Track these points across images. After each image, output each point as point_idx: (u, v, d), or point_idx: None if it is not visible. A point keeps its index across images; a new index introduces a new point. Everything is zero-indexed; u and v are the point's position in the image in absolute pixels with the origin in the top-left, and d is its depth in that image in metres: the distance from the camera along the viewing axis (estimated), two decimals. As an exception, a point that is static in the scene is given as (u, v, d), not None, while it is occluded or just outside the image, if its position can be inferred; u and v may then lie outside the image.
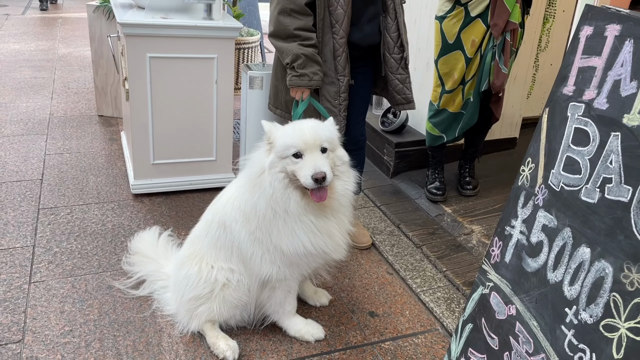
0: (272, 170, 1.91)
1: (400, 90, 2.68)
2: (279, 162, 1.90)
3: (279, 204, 1.91)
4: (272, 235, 1.96)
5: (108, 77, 4.43)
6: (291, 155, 1.88)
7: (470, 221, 3.13)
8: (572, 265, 1.19)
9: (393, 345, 2.29)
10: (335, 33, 2.42)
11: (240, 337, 2.26)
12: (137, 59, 2.98)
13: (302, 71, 2.40)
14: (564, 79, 1.31)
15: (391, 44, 2.58)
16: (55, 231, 2.89)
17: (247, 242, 2.04)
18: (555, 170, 1.29)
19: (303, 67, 2.39)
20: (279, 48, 2.44)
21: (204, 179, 3.39)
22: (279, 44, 2.43)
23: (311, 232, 1.94)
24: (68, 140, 4.03)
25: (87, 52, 6.41)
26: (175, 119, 3.18)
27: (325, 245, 1.99)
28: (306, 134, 1.88)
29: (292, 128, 1.93)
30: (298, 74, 2.41)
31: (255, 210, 1.97)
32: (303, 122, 1.98)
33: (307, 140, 1.87)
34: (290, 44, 2.38)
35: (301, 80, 2.41)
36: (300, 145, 1.87)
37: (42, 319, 2.28)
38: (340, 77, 2.49)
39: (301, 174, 1.85)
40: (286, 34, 2.38)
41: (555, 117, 1.32)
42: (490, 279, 1.49)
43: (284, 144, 1.89)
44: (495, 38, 3.05)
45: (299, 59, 2.38)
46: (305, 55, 2.38)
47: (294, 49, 2.37)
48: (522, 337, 1.33)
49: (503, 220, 1.48)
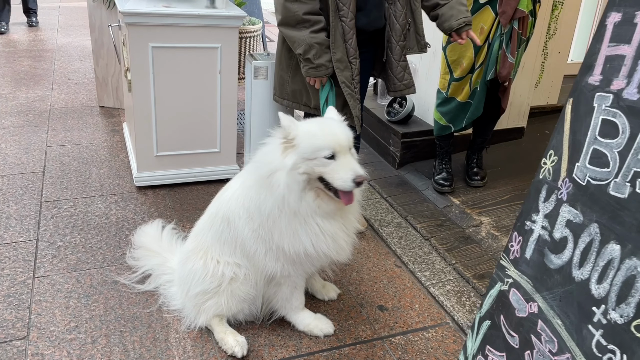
0: (293, 172, 1.81)
1: (402, 77, 2.62)
2: (304, 164, 1.80)
3: (289, 205, 1.84)
4: (274, 235, 1.91)
5: (109, 67, 4.36)
6: (322, 157, 1.80)
7: (478, 213, 3.09)
8: (600, 262, 1.14)
9: (403, 340, 2.26)
10: (343, 16, 2.36)
11: (249, 332, 2.23)
12: (139, 49, 2.92)
13: (318, 62, 2.36)
14: (589, 67, 1.26)
15: (399, 31, 2.52)
16: (59, 225, 2.84)
17: (250, 238, 2.00)
18: (581, 163, 1.24)
19: (318, 57, 2.35)
20: (290, 37, 2.38)
21: (208, 170, 3.35)
22: (289, 32, 2.37)
23: (314, 235, 1.88)
24: (69, 132, 3.97)
25: (86, 42, 6.34)
26: (178, 110, 3.13)
27: (328, 249, 1.93)
28: (340, 136, 1.82)
29: (321, 129, 1.84)
30: (315, 65, 2.36)
31: (259, 209, 1.92)
32: (329, 122, 1.90)
33: (341, 142, 1.81)
34: (302, 31, 2.33)
35: (318, 71, 2.38)
36: (336, 147, 1.79)
37: (47, 314, 2.24)
38: (352, 60, 2.44)
39: (337, 177, 1.78)
40: (295, 20, 2.32)
41: (580, 107, 1.27)
42: (510, 275, 1.45)
43: (315, 145, 1.79)
44: (503, 26, 2.99)
45: (312, 48, 2.33)
46: (318, 43, 2.33)
47: (306, 39, 2.32)
48: (544, 336, 1.29)
49: (523, 215, 1.43)
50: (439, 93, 3.28)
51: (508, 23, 2.97)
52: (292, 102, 2.68)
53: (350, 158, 1.83)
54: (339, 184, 1.79)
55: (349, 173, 1.78)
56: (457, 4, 2.54)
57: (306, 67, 2.39)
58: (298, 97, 2.65)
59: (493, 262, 2.71)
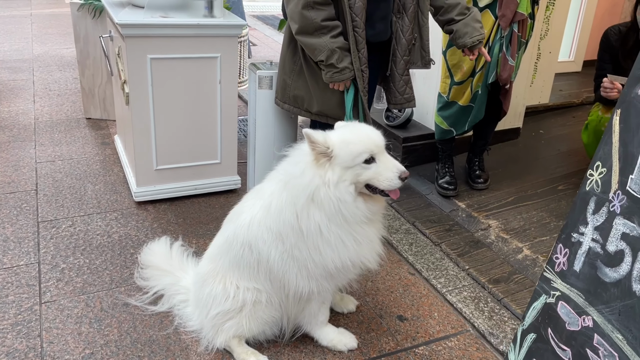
0: (340, 184, 1.79)
1: (403, 92, 2.61)
2: (347, 173, 1.78)
3: (345, 217, 1.81)
4: (314, 252, 1.86)
5: (95, 78, 4.24)
6: (362, 162, 1.79)
7: (485, 216, 3.09)
8: (666, 277, 1.13)
9: (427, 350, 2.24)
10: (356, 27, 2.33)
11: (271, 350, 2.18)
12: (137, 61, 2.83)
13: (342, 65, 2.33)
14: (638, 79, 1.25)
15: (404, 45, 2.50)
16: (59, 245, 2.74)
17: (279, 261, 1.94)
18: (635, 175, 1.23)
19: (341, 60, 2.33)
20: (309, 45, 2.33)
21: (209, 182, 3.27)
22: (308, 40, 2.32)
23: (356, 242, 1.86)
24: (58, 146, 3.85)
25: (64, 51, 6.17)
26: (178, 122, 3.05)
27: (370, 254, 1.92)
28: (374, 137, 1.82)
29: (355, 134, 1.82)
30: (339, 69, 2.33)
31: (298, 230, 1.85)
32: (360, 126, 1.88)
33: (378, 143, 1.82)
34: (321, 38, 2.29)
35: (343, 74, 2.35)
36: (374, 149, 1.80)
37: (60, 342, 2.15)
38: (364, 69, 2.41)
39: (383, 177, 1.80)
40: (314, 28, 2.29)
41: (630, 119, 1.26)
42: (556, 287, 1.44)
43: (354, 152, 1.77)
44: (503, 29, 3.00)
45: (334, 53, 2.30)
46: (339, 48, 2.31)
47: (327, 44, 2.29)
48: (603, 350, 1.28)
49: (568, 227, 1.42)
50: (439, 97, 3.28)
51: (508, 26, 2.98)
52: (293, 107, 2.64)
53: (388, 157, 1.85)
54: (386, 185, 1.80)
55: (394, 171, 1.80)
56: (472, 20, 2.53)
57: (330, 72, 2.35)
58: (299, 102, 2.60)
59: (506, 266, 2.71)
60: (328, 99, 2.50)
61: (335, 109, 2.52)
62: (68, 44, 6.47)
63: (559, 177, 3.59)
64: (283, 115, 2.84)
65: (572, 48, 5.54)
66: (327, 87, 2.48)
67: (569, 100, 4.83)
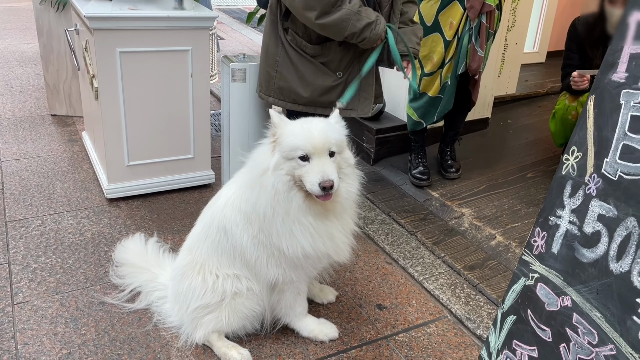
0: (276, 172, 1.79)
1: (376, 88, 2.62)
2: (285, 164, 1.79)
3: (280, 205, 1.81)
4: (272, 237, 1.87)
5: (60, 73, 4.12)
6: (297, 158, 1.77)
7: (459, 204, 3.14)
8: (642, 255, 1.18)
9: (407, 337, 2.27)
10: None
11: (252, 343, 2.18)
12: (106, 55, 2.77)
13: (373, 17, 2.27)
14: (612, 65, 1.30)
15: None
16: (30, 245, 2.67)
17: (251, 246, 1.94)
18: (610, 158, 1.27)
19: (369, 14, 2.27)
20: (335, 22, 2.24)
21: (183, 177, 3.24)
22: (331, 19, 2.24)
23: (310, 235, 1.85)
24: (23, 144, 3.73)
25: (25, 46, 5.98)
26: (149, 117, 3.00)
27: (326, 248, 1.91)
28: (315, 136, 1.76)
29: (301, 127, 1.80)
30: (373, 21, 2.27)
31: (255, 209, 1.87)
32: (313, 122, 1.85)
33: (315, 144, 1.76)
34: (342, 8, 2.22)
35: (379, 24, 2.29)
36: (309, 148, 1.75)
37: (35, 343, 2.10)
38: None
39: (307, 180, 1.75)
40: (331, 4, 2.21)
41: (604, 104, 1.30)
42: (535, 270, 1.48)
43: (291, 144, 1.77)
44: (471, 20, 3.05)
45: (360, 13, 2.25)
46: (360, 7, 2.26)
47: (351, 9, 2.23)
48: (582, 329, 1.32)
49: (545, 210, 1.46)
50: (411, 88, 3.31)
51: (476, 17, 3.03)
52: (277, 99, 2.59)
53: (325, 161, 1.77)
54: (308, 187, 1.76)
55: (317, 177, 1.73)
56: (412, 32, 2.53)
57: (368, 32, 2.27)
58: (285, 93, 2.56)
59: (480, 253, 2.77)
60: (319, 85, 2.46)
61: (326, 95, 2.48)
62: (29, 38, 6.28)
63: (527, 165, 3.68)
64: (257, 108, 2.82)
65: (536, 39, 5.67)
66: (318, 73, 2.45)
67: (535, 90, 4.95)
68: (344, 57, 2.44)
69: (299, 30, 2.42)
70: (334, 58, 2.43)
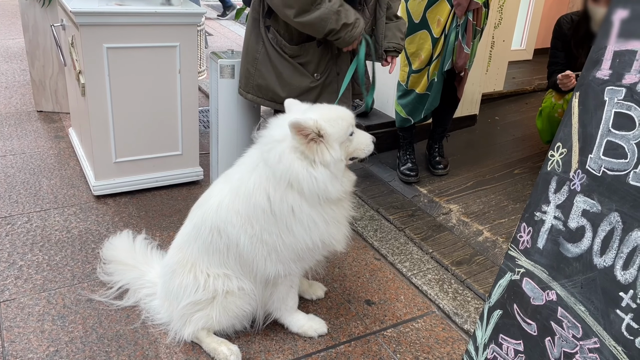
0: (340, 162, 1.86)
1: (363, 82, 2.63)
2: (341, 149, 1.86)
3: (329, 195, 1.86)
4: (285, 233, 1.88)
5: (46, 69, 4.08)
6: (349, 136, 1.89)
7: (446, 200, 3.17)
8: (625, 249, 1.20)
9: (395, 333, 2.28)
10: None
11: (241, 339, 2.18)
12: (93, 51, 2.75)
13: (352, 18, 2.27)
14: (596, 62, 1.31)
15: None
16: (16, 242, 2.65)
17: (248, 245, 1.94)
18: (594, 155, 1.29)
19: (349, 14, 2.26)
20: (313, 21, 2.23)
21: (171, 174, 3.22)
22: (310, 17, 2.22)
23: (325, 223, 1.91)
24: (9, 141, 3.70)
25: (10, 42, 5.91)
26: (137, 113, 2.98)
27: (335, 235, 1.96)
28: (348, 112, 1.93)
29: (336, 111, 1.90)
30: (351, 24, 2.27)
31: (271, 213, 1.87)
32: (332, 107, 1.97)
33: (353, 117, 1.94)
34: (321, 6, 2.21)
35: (357, 26, 2.29)
36: (353, 122, 1.93)
37: (22, 341, 2.08)
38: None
39: (363, 144, 1.94)
40: (309, 2, 2.19)
41: (588, 101, 1.32)
42: (521, 264, 1.49)
43: (344, 127, 1.87)
44: (458, 17, 3.06)
45: (340, 12, 2.24)
46: (341, 6, 2.25)
47: (330, 8, 2.21)
48: (566, 322, 1.34)
49: (531, 206, 1.48)
50: (399, 85, 3.33)
51: (463, 15, 3.05)
52: (256, 96, 2.58)
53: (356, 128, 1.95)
54: (367, 150, 1.96)
55: (367, 137, 1.96)
56: (396, 28, 2.55)
57: (345, 33, 2.27)
58: (264, 91, 2.55)
59: (468, 249, 2.79)
60: (296, 86, 2.46)
61: (304, 95, 2.47)
62: (14, 34, 6.20)
63: (514, 161, 3.71)
64: (246, 105, 2.82)
65: (523, 37, 5.71)
66: (296, 74, 2.45)
67: (522, 87, 4.99)
68: (322, 59, 2.44)
69: (280, 28, 2.41)
70: (312, 59, 2.43)
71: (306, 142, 1.79)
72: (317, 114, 1.85)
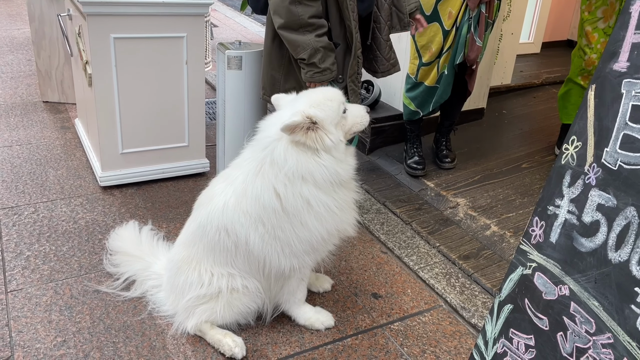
0: (341, 142, 1.85)
1: (389, 57, 2.59)
2: (337, 130, 1.85)
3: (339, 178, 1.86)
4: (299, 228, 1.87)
5: (52, 59, 4.07)
6: (341, 114, 1.88)
7: (454, 194, 3.15)
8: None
9: (402, 326, 2.28)
10: (352, 11, 2.28)
11: (248, 331, 2.17)
12: (100, 41, 2.74)
13: (324, 65, 2.27)
14: (613, 54, 1.29)
15: (387, 10, 2.46)
16: (23, 233, 2.65)
17: (259, 242, 1.92)
18: (610, 148, 1.27)
19: (323, 60, 2.26)
20: (292, 41, 2.24)
21: (177, 166, 3.21)
22: (291, 36, 2.24)
23: (339, 208, 1.90)
24: (15, 131, 3.69)
25: (16, 32, 5.90)
26: (143, 104, 2.97)
27: (347, 220, 1.97)
28: (335, 91, 1.92)
29: (321, 96, 1.87)
30: (320, 70, 2.27)
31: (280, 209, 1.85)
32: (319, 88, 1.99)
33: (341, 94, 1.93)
34: (305, 35, 2.21)
35: (323, 75, 2.29)
36: (343, 99, 1.91)
37: (29, 331, 2.08)
38: (359, 54, 2.38)
39: (358, 116, 1.94)
40: (299, 24, 2.20)
41: (605, 94, 1.30)
42: (533, 259, 1.48)
43: (336, 107, 1.85)
44: (471, 10, 3.03)
45: (318, 52, 2.23)
46: (323, 47, 2.24)
47: (311, 43, 2.21)
48: (579, 317, 1.33)
49: (544, 200, 1.46)
50: (408, 78, 3.30)
51: (476, 7, 3.02)
52: None
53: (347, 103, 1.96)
54: (364, 122, 1.96)
55: (360, 108, 1.97)
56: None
57: (310, 72, 2.28)
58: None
59: (475, 243, 2.78)
60: None
61: None
62: (19, 24, 6.19)
63: (522, 155, 3.69)
64: (253, 96, 2.80)
65: (531, 30, 5.66)
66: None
67: (530, 81, 4.95)
68: (345, 64, 2.42)
69: None
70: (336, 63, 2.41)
71: (304, 133, 1.78)
72: (304, 103, 1.83)
